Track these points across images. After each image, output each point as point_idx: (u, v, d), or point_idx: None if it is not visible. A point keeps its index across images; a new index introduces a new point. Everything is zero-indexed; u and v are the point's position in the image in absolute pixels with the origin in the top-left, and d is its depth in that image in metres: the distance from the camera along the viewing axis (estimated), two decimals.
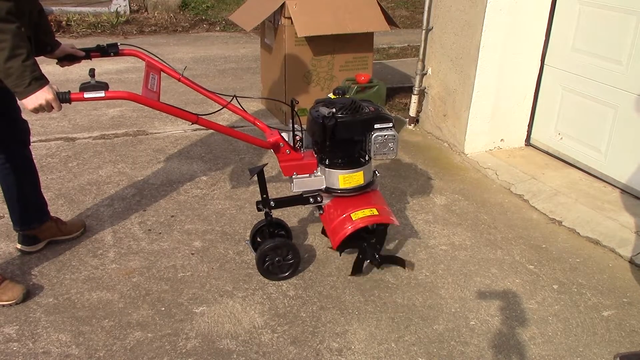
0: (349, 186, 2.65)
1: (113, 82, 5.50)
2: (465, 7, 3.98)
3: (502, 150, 4.24)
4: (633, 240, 3.08)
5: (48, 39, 2.43)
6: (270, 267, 2.70)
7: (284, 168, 2.66)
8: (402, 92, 5.48)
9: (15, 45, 1.86)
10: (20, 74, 1.90)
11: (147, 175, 3.71)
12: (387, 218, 2.62)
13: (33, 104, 1.97)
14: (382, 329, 2.46)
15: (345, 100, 2.61)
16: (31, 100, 1.96)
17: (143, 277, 2.74)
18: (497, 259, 2.99)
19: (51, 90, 2.00)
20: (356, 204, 2.62)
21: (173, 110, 2.35)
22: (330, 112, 2.52)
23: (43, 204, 2.83)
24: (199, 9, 8.54)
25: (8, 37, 1.81)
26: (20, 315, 2.46)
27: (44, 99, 1.96)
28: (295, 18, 4.20)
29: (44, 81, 2.00)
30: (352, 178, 2.64)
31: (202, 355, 2.28)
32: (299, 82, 4.52)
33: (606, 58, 3.59)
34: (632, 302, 2.69)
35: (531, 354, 2.36)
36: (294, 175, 2.67)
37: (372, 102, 2.71)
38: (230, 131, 2.60)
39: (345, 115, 2.54)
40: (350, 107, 2.56)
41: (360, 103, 2.63)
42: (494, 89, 4.05)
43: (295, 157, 2.65)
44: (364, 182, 2.66)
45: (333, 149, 2.61)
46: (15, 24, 1.83)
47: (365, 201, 2.65)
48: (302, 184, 2.68)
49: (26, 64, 1.91)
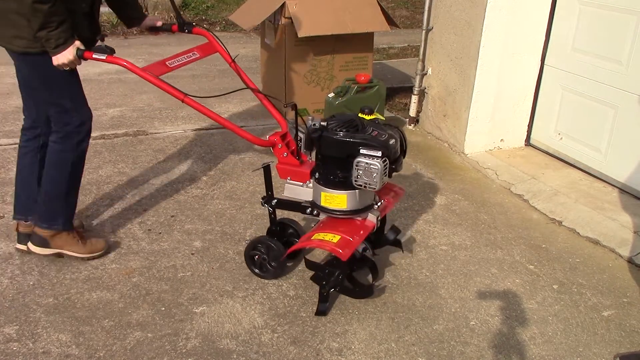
0: (329, 206, 2.49)
1: (113, 81, 5.50)
2: (465, 7, 3.98)
3: (502, 150, 4.24)
4: (633, 240, 3.08)
5: (134, 13, 2.91)
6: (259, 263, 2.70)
7: (279, 170, 2.63)
8: (402, 92, 5.48)
9: (46, 21, 2.32)
10: (47, 40, 2.37)
11: (147, 175, 3.71)
12: (330, 247, 2.33)
13: (57, 61, 2.43)
14: (382, 329, 2.46)
15: (350, 118, 2.47)
16: (56, 59, 2.42)
17: (143, 277, 2.74)
18: (497, 259, 2.99)
19: (72, 51, 2.42)
20: (333, 227, 2.46)
21: (162, 85, 2.51)
22: (320, 125, 2.43)
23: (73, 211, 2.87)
24: (199, 9, 8.54)
25: (40, 15, 2.30)
26: (20, 315, 2.46)
27: (67, 59, 2.42)
28: (295, 18, 4.20)
29: (66, 46, 2.40)
30: (333, 199, 2.48)
31: (202, 355, 2.28)
32: (299, 82, 4.52)
33: (606, 58, 3.59)
34: (632, 302, 2.69)
35: (531, 354, 2.36)
36: (287, 180, 2.63)
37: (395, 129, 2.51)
38: (217, 118, 2.59)
39: (332, 132, 2.40)
40: (345, 125, 2.42)
41: (366, 125, 2.45)
42: (494, 89, 4.05)
43: (292, 161, 2.59)
44: (347, 207, 2.47)
45: (321, 164, 2.50)
46: (47, 4, 2.28)
47: (344, 226, 2.46)
48: (292, 190, 2.63)
49: (52, 34, 2.36)
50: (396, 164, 2.49)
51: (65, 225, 2.76)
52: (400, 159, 2.53)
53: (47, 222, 2.74)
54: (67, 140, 2.64)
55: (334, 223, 2.51)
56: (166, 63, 2.64)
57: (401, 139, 2.54)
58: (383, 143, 2.38)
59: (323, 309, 2.52)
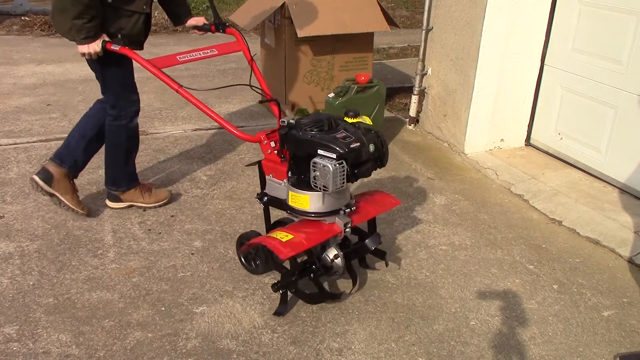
0: (294, 205, 2.47)
1: None
2: (465, 7, 3.98)
3: (502, 150, 4.24)
4: (633, 240, 3.08)
5: (181, 11, 3.19)
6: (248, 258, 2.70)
7: (264, 166, 2.64)
8: (402, 92, 5.48)
9: (81, 12, 2.61)
10: (78, 30, 2.67)
11: (147, 175, 3.71)
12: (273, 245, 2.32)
13: (81, 50, 2.74)
14: (382, 329, 2.46)
15: (321, 117, 2.43)
16: (81, 48, 2.73)
17: (143, 277, 2.74)
18: (497, 259, 2.99)
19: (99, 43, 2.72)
20: (297, 227, 2.45)
21: (159, 75, 2.69)
22: (289, 122, 2.43)
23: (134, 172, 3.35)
24: (199, 9, 8.54)
25: (79, 7, 2.59)
26: (20, 315, 2.46)
27: (92, 50, 2.72)
28: (295, 18, 4.20)
29: (94, 39, 2.70)
30: (297, 199, 2.45)
31: (202, 355, 2.28)
32: (299, 82, 4.52)
33: (606, 58, 3.59)
34: (632, 302, 2.69)
35: (531, 354, 2.36)
36: (270, 177, 2.62)
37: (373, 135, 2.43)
38: (208, 111, 2.66)
39: (298, 130, 2.39)
40: (312, 125, 2.39)
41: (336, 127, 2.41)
42: (494, 89, 4.05)
43: (274, 158, 2.58)
44: (309, 208, 2.43)
45: (291, 162, 2.48)
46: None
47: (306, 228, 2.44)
48: (272, 188, 2.61)
49: (84, 25, 2.65)
50: (359, 169, 2.39)
51: (128, 185, 3.23)
52: (367, 165, 2.41)
53: (113, 185, 3.22)
54: (118, 121, 3.04)
55: (301, 223, 2.50)
56: (177, 57, 2.79)
57: (379, 146, 2.44)
58: (343, 145, 2.30)
59: (280, 310, 2.51)
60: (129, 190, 3.24)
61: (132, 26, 2.87)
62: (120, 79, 2.97)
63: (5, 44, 6.81)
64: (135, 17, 2.86)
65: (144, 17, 2.90)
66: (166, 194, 3.34)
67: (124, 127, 3.07)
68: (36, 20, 7.54)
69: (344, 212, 2.47)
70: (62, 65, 6.00)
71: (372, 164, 2.45)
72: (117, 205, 3.28)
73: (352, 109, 2.56)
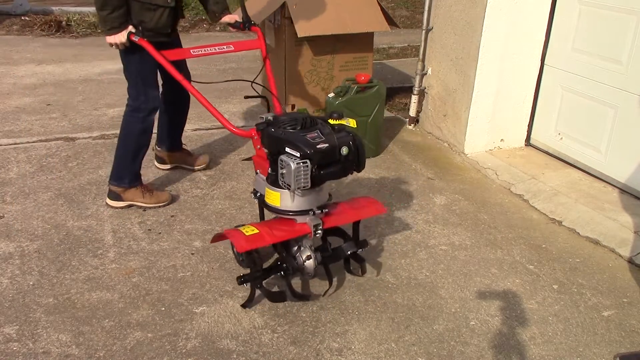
0: (268, 202, 2.50)
1: (113, 81, 5.50)
2: (465, 7, 3.98)
3: (502, 150, 4.24)
4: (633, 240, 3.08)
5: (217, 7, 3.28)
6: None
7: (255, 161, 2.67)
8: (402, 92, 5.48)
9: (104, 3, 2.78)
10: (104, 22, 2.84)
11: (147, 175, 3.71)
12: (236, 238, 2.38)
13: (108, 40, 2.89)
14: (382, 329, 2.46)
15: (297, 116, 2.45)
16: (108, 38, 2.89)
17: (143, 277, 2.74)
18: (497, 259, 2.99)
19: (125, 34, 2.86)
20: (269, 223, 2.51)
21: (168, 67, 2.81)
22: (267, 119, 2.45)
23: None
24: (199, 9, 8.52)
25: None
26: (20, 315, 2.46)
27: (119, 40, 2.87)
28: (295, 18, 4.20)
29: (119, 30, 2.85)
30: (270, 195, 2.48)
31: (202, 355, 2.28)
32: (299, 82, 4.52)
33: (606, 58, 3.59)
34: (632, 302, 2.69)
35: (531, 354, 2.36)
36: (257, 172, 2.65)
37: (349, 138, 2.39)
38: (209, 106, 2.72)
39: (271, 127, 2.41)
40: (286, 122, 2.40)
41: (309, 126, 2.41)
42: (494, 89, 4.05)
43: (263, 154, 2.59)
44: (280, 205, 2.45)
45: (268, 158, 2.49)
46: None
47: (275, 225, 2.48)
48: (257, 183, 2.63)
49: (108, 16, 2.81)
50: (326, 171, 2.36)
51: (131, 182, 3.27)
52: (334, 167, 2.38)
53: (116, 180, 3.27)
54: (135, 113, 3.15)
55: (274, 220, 2.53)
56: (190, 51, 2.90)
57: (352, 149, 2.40)
58: (309, 145, 2.30)
59: (246, 304, 2.54)
60: (130, 189, 3.28)
61: (157, 19, 2.98)
62: (141, 73, 3.06)
63: (5, 44, 6.81)
64: (160, 11, 2.96)
65: (168, 11, 3.00)
66: (167, 196, 3.37)
67: (140, 120, 3.15)
68: (36, 20, 7.54)
69: (313, 213, 2.45)
70: (62, 65, 6.00)
71: (342, 167, 2.41)
72: (117, 204, 3.30)
73: (336, 110, 2.57)
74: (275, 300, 2.55)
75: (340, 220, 2.58)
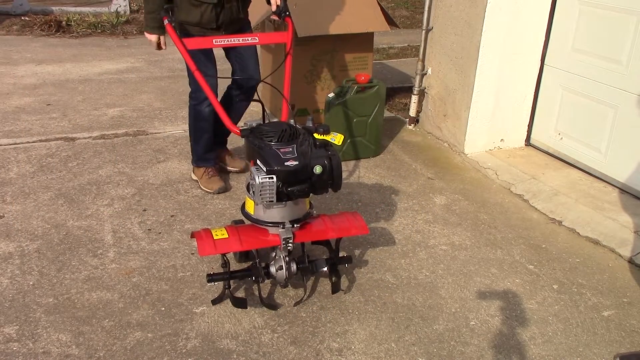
0: (245, 208, 2.51)
1: (113, 81, 5.50)
2: (465, 7, 3.98)
3: (502, 150, 4.24)
4: (633, 240, 3.08)
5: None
6: None
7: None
8: (402, 92, 5.48)
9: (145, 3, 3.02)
10: (145, 19, 3.07)
11: (147, 175, 3.71)
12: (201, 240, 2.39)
13: (147, 37, 3.12)
14: (382, 329, 2.46)
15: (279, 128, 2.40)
16: (147, 35, 3.11)
17: (143, 277, 2.74)
18: (497, 259, 2.99)
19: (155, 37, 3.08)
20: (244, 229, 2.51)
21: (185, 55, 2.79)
22: (250, 126, 2.45)
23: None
24: None
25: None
26: (20, 315, 2.46)
27: (154, 38, 3.09)
28: (295, 18, 4.19)
29: (156, 30, 3.05)
30: (247, 202, 2.48)
31: (202, 355, 2.28)
32: (299, 82, 4.52)
33: (606, 58, 3.59)
34: (632, 302, 2.69)
35: (531, 354, 2.36)
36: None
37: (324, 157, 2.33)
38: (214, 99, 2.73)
39: (252, 135, 2.41)
40: (266, 132, 2.38)
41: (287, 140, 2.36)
42: (494, 89, 4.05)
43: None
44: (253, 214, 2.46)
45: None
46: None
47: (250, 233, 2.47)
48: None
49: (146, 16, 3.03)
50: (293, 188, 2.31)
51: (196, 162, 3.57)
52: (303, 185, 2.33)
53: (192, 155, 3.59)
54: (190, 100, 3.41)
55: (249, 227, 2.53)
56: (212, 40, 2.88)
57: (327, 169, 2.33)
58: (277, 161, 2.28)
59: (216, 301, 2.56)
60: (196, 167, 3.57)
61: (201, 15, 3.09)
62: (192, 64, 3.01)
63: (5, 44, 6.81)
64: (204, 7, 3.08)
65: (212, 7, 3.08)
66: (217, 186, 3.50)
67: (193, 107, 3.39)
68: (36, 20, 7.53)
69: (282, 227, 2.41)
70: (62, 65, 6.00)
71: (312, 186, 2.35)
72: (193, 177, 3.64)
73: (323, 125, 2.51)
74: (238, 306, 2.52)
75: (314, 236, 2.55)
